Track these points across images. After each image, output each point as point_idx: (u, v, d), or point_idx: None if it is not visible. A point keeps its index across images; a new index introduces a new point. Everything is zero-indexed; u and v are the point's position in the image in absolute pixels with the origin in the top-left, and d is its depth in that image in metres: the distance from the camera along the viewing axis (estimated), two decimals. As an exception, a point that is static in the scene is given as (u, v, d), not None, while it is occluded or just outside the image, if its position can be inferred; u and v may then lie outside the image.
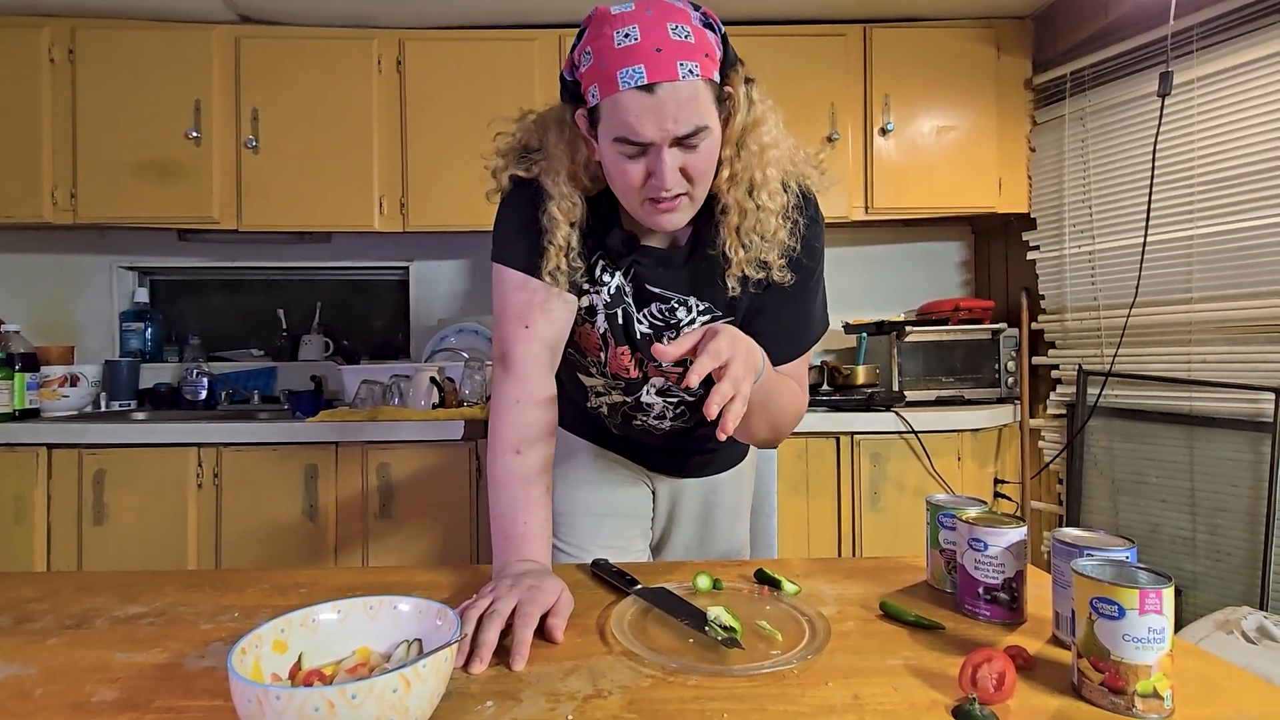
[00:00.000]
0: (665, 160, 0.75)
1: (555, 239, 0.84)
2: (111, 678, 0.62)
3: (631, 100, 0.72)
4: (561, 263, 0.85)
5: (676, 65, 0.72)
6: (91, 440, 1.87)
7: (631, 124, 0.73)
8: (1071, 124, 2.08)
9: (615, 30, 0.72)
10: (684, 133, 0.73)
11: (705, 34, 0.74)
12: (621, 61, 0.72)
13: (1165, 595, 0.55)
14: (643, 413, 1.00)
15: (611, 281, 0.91)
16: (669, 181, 0.76)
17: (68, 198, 2.09)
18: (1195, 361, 1.79)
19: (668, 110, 0.72)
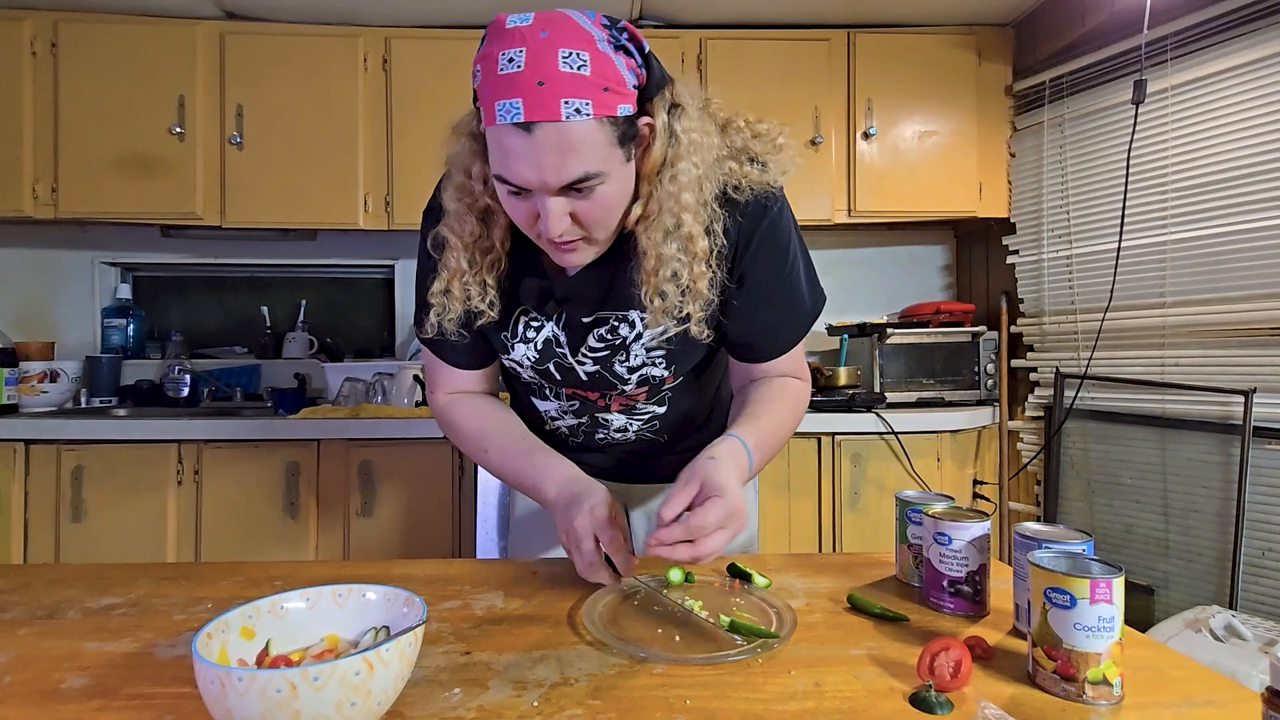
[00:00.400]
0: (549, 208, 0.67)
1: (446, 259, 0.78)
2: (81, 666, 0.62)
3: (507, 138, 0.64)
4: (453, 286, 0.78)
5: (560, 103, 0.62)
6: (70, 436, 1.85)
7: (508, 165, 0.65)
8: (1050, 130, 2.11)
9: (501, 53, 0.63)
10: (566, 181, 0.65)
11: (611, 61, 0.64)
12: (500, 92, 0.63)
13: (1115, 585, 0.56)
14: (603, 427, 0.95)
15: (538, 336, 0.84)
16: (553, 230, 0.68)
17: (49, 192, 2.07)
18: (1169, 365, 1.83)
19: (547, 156, 0.63)
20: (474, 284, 0.78)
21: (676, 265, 0.74)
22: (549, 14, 0.64)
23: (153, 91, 2.08)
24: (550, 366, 0.86)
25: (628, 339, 0.83)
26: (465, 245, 0.77)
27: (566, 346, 0.85)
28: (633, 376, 0.86)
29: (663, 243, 0.73)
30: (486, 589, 0.81)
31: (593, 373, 0.86)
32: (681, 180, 0.71)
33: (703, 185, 0.73)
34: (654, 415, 0.94)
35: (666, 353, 0.84)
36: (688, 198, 0.72)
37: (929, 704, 0.55)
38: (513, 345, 0.86)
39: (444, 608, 0.75)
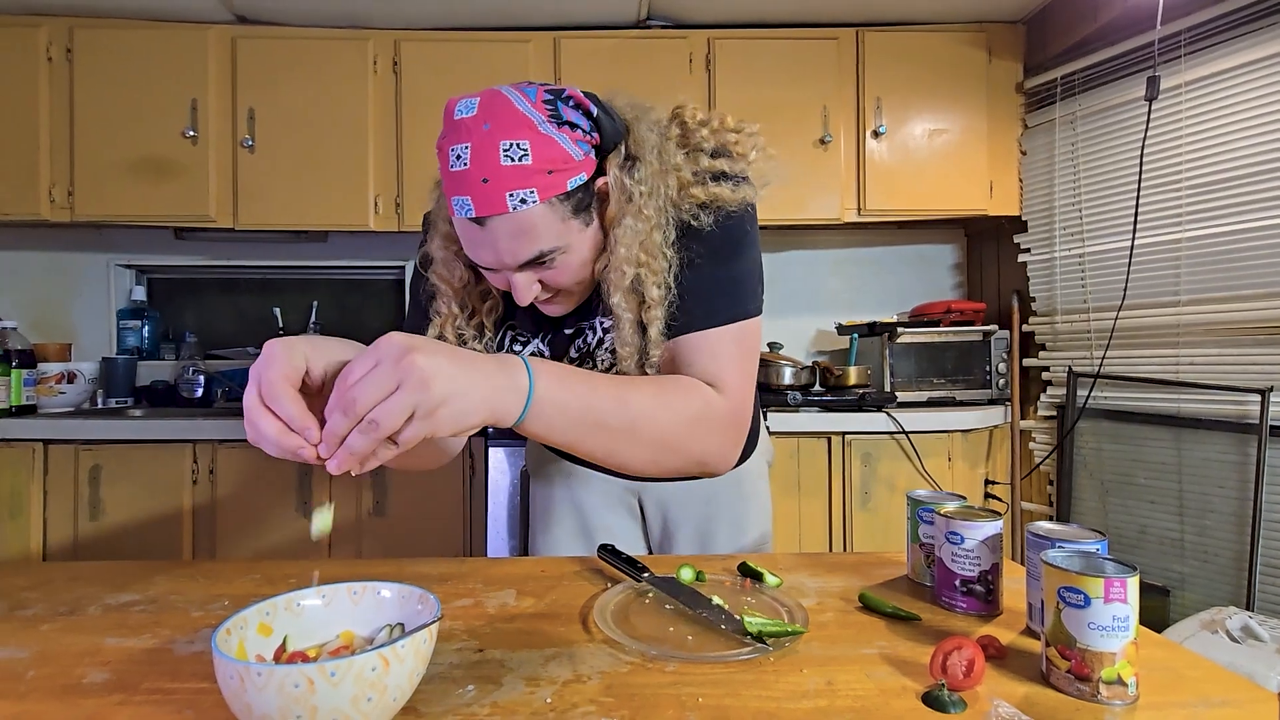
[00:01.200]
0: (516, 282, 0.72)
1: (438, 306, 0.82)
2: (102, 661, 0.63)
3: (465, 229, 0.70)
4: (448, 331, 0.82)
5: (505, 197, 0.66)
6: (88, 436, 1.88)
7: (472, 251, 0.71)
8: (1062, 128, 2.10)
9: (450, 148, 0.67)
10: (523, 261, 0.70)
11: (554, 142, 0.66)
12: (454, 188, 0.67)
13: (1130, 584, 0.56)
14: None
15: (524, 351, 0.87)
16: (523, 300, 0.73)
17: (65, 195, 2.10)
18: (1183, 363, 1.81)
19: (502, 242, 0.68)
20: (469, 327, 0.82)
21: (629, 319, 0.77)
22: (493, 100, 0.67)
23: (166, 95, 2.11)
24: None
25: (592, 345, 0.86)
26: (455, 291, 0.81)
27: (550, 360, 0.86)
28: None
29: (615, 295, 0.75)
30: (499, 587, 0.81)
31: None
32: (627, 237, 0.73)
33: (657, 234, 0.74)
34: None
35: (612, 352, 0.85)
36: (632, 253, 0.74)
37: (942, 703, 0.55)
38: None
39: (457, 605, 0.76)
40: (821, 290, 2.54)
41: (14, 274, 2.43)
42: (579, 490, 1.05)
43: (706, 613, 0.71)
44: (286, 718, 0.44)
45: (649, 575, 0.79)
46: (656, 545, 1.06)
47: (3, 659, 0.64)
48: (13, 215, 2.10)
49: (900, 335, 2.13)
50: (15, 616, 0.73)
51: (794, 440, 1.96)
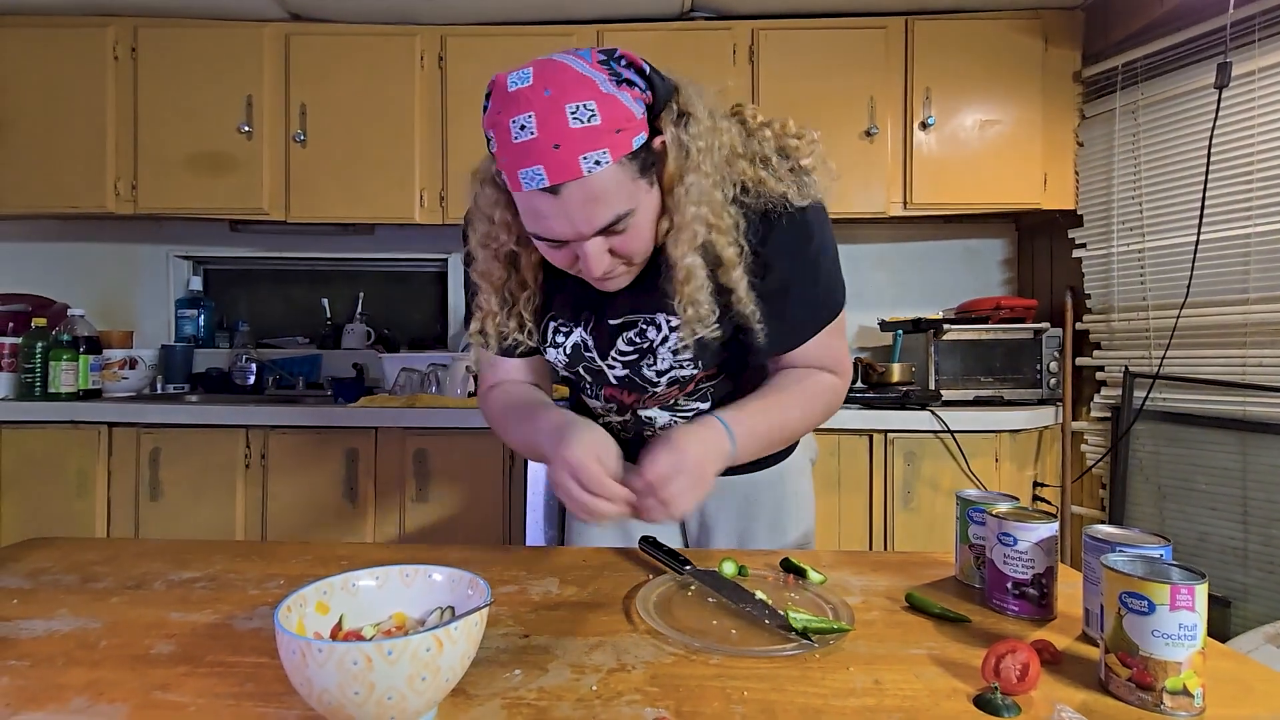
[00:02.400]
0: (589, 252, 0.69)
1: (479, 302, 0.82)
2: (168, 634, 0.66)
3: (535, 201, 0.66)
4: (489, 326, 0.82)
5: (579, 161, 0.63)
6: (149, 420, 1.96)
7: (544, 225, 0.68)
8: (1123, 118, 2.01)
9: (511, 120, 0.64)
10: (599, 228, 0.67)
11: (617, 101, 0.65)
12: (520, 160, 0.64)
13: (1198, 592, 0.54)
14: (648, 425, 0.95)
15: (567, 341, 0.86)
16: (596, 271, 0.71)
17: (129, 189, 2.19)
18: (1250, 365, 1.72)
19: (576, 210, 0.66)
20: (509, 320, 0.82)
21: (705, 275, 0.74)
22: (547, 67, 0.65)
23: (223, 92, 2.18)
24: (580, 369, 0.88)
25: (654, 342, 0.83)
26: (494, 287, 0.81)
27: (595, 350, 0.86)
28: (661, 380, 0.86)
29: (687, 255, 0.73)
30: (542, 575, 0.82)
31: (621, 376, 0.87)
32: (693, 193, 0.71)
33: (713, 194, 0.73)
34: (699, 412, 0.93)
35: (692, 356, 0.84)
36: (701, 210, 0.72)
37: (995, 706, 0.53)
38: (544, 350, 0.88)
39: (502, 592, 0.77)
40: (865, 285, 2.49)
41: (82, 265, 2.55)
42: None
43: (750, 607, 0.71)
44: (345, 693, 0.45)
45: (691, 568, 0.79)
46: (694, 541, 1.06)
47: (78, 628, 0.67)
48: (81, 207, 2.20)
49: (946, 332, 2.08)
50: (87, 589, 0.77)
51: (835, 437, 1.93)
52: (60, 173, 2.18)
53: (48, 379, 2.03)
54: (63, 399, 2.02)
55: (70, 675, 0.58)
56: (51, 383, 2.03)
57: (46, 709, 0.53)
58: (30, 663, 0.60)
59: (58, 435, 1.96)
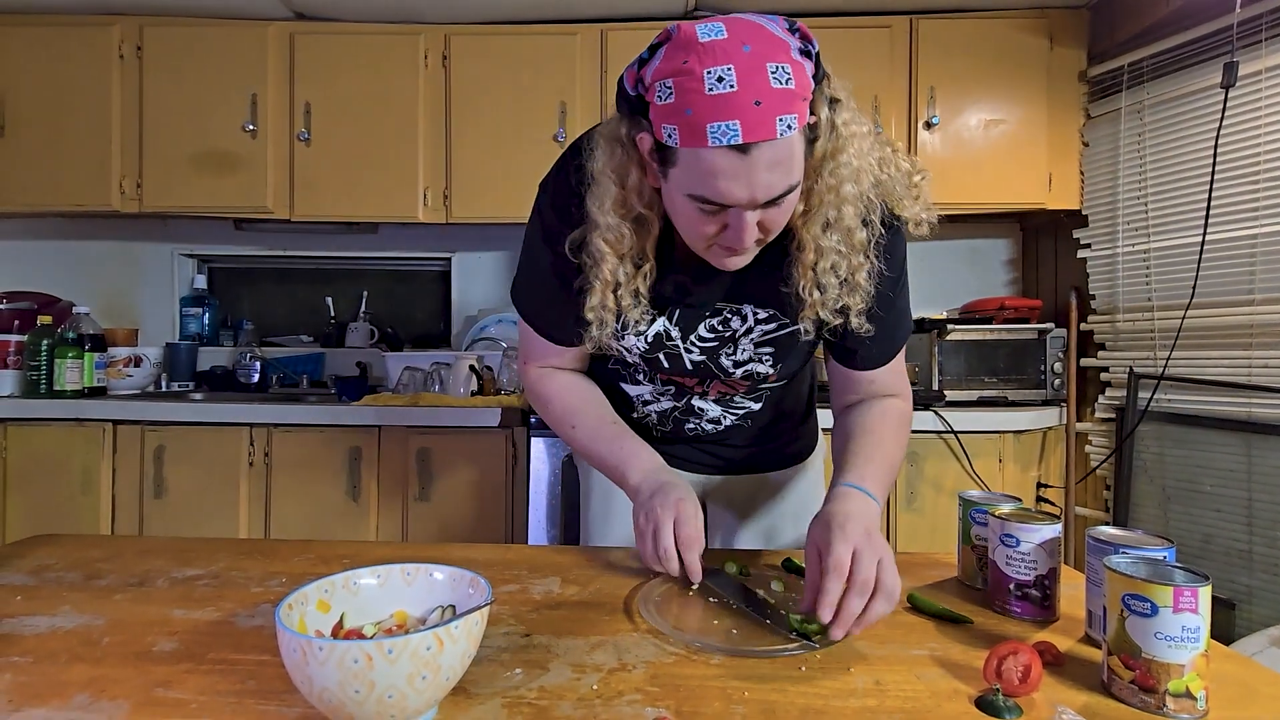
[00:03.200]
0: (747, 223, 0.66)
1: (602, 273, 0.75)
2: (171, 631, 0.66)
3: (721, 160, 0.62)
4: (609, 299, 0.77)
5: (776, 122, 0.61)
6: (153, 418, 1.97)
7: (717, 187, 0.64)
8: (1128, 117, 2.00)
9: (706, 70, 0.60)
10: (775, 195, 0.65)
11: (805, 70, 0.64)
12: (714, 114, 0.60)
13: (1201, 594, 0.54)
14: (696, 416, 0.95)
15: (649, 329, 0.83)
16: (748, 244, 0.68)
17: (134, 187, 2.20)
18: (1256, 366, 1.71)
19: (759, 175, 0.63)
20: (627, 294, 0.77)
21: (836, 257, 0.73)
22: (740, 23, 0.63)
23: (227, 90, 2.18)
24: (660, 355, 0.87)
25: (737, 332, 0.83)
26: (621, 256, 0.76)
27: (678, 338, 0.85)
28: (737, 371, 0.87)
29: (823, 235, 0.72)
30: (544, 574, 0.82)
31: (698, 362, 0.87)
32: (842, 173, 0.70)
33: (860, 176, 0.71)
34: (749, 411, 0.94)
35: (774, 350, 0.85)
36: (849, 189, 0.71)
37: (996, 708, 0.53)
38: (624, 336, 0.85)
39: (503, 591, 0.77)
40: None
41: (87, 263, 2.56)
42: None
43: (752, 608, 0.71)
44: (345, 691, 0.45)
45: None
46: (718, 542, 1.07)
47: (81, 625, 0.67)
48: (87, 206, 2.21)
49: (950, 332, 2.07)
50: (90, 586, 0.78)
51: (837, 437, 1.93)
52: (66, 171, 2.19)
53: (53, 376, 2.04)
54: (68, 396, 2.03)
55: (73, 672, 0.58)
56: (57, 380, 2.04)
57: (49, 705, 0.53)
58: (33, 659, 0.60)
59: (63, 433, 1.97)
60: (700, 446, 1.01)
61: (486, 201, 2.18)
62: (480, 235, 2.52)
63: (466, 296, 2.57)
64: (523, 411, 1.94)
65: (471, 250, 2.56)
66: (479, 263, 2.57)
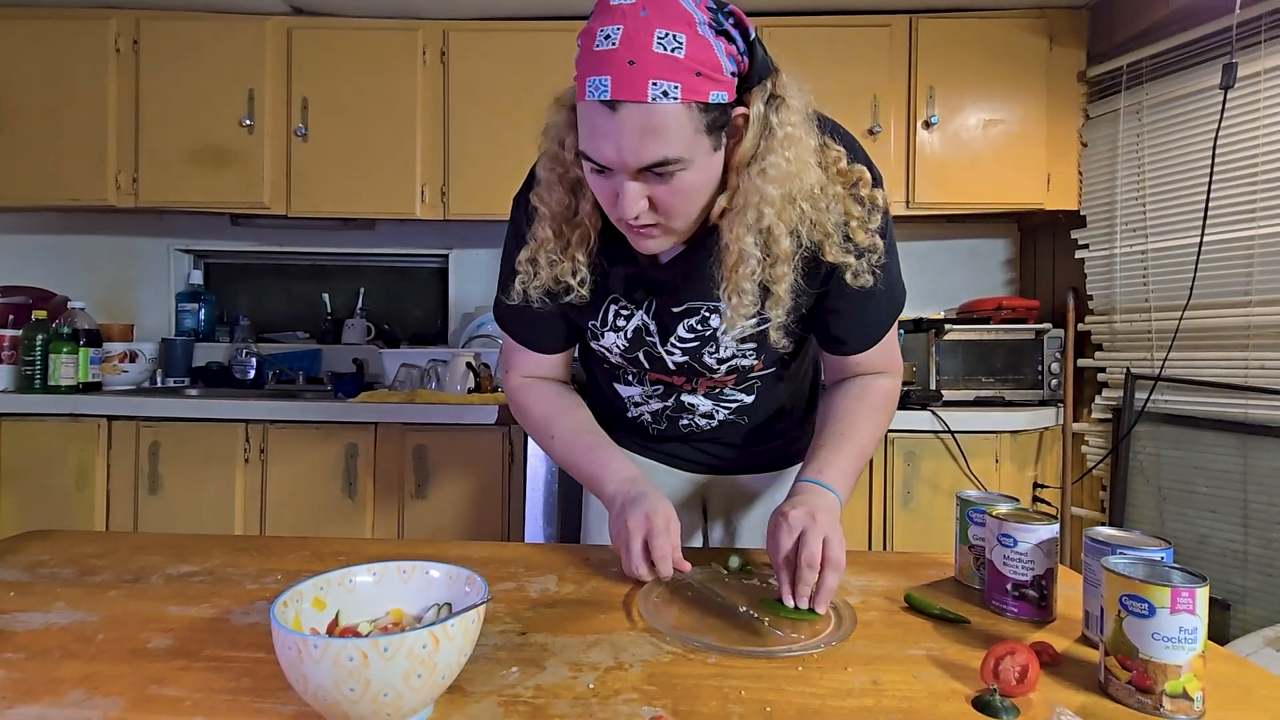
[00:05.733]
0: (625, 190, 0.66)
1: (535, 231, 0.77)
2: (165, 628, 0.66)
3: (593, 115, 0.64)
4: (541, 255, 0.77)
5: (648, 85, 0.61)
6: (148, 413, 1.96)
7: (591, 142, 0.65)
8: (1127, 118, 2.00)
9: (599, 29, 0.63)
10: (645, 164, 0.64)
11: (709, 45, 0.63)
12: (592, 68, 0.63)
13: (1199, 595, 0.54)
14: (688, 412, 0.95)
15: (628, 325, 0.84)
16: (628, 212, 0.67)
17: (130, 182, 2.19)
18: (1253, 367, 1.72)
19: (628, 136, 0.62)
20: (562, 258, 0.77)
21: (754, 264, 0.72)
22: None
23: (224, 85, 2.17)
24: (640, 355, 0.87)
25: (718, 330, 0.82)
26: (553, 214, 0.76)
27: (656, 335, 0.85)
28: (721, 366, 0.87)
29: (744, 237, 0.70)
30: (540, 572, 0.82)
31: (681, 363, 0.86)
32: (770, 174, 0.68)
33: (792, 181, 0.69)
34: (741, 405, 0.94)
35: (757, 345, 0.84)
36: (773, 191, 0.69)
37: (993, 708, 0.53)
38: (602, 333, 0.86)
39: (500, 589, 0.77)
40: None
41: (83, 258, 2.54)
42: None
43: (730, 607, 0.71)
44: (340, 689, 0.45)
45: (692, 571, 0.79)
46: (718, 541, 1.07)
47: (75, 622, 0.67)
48: (83, 200, 2.20)
49: (948, 332, 2.07)
50: (85, 582, 0.77)
51: (834, 436, 1.93)
52: (61, 165, 2.17)
53: (48, 372, 2.03)
54: (63, 392, 2.02)
55: (66, 669, 0.58)
56: (51, 375, 2.03)
57: (42, 702, 0.53)
58: (26, 655, 0.60)
59: (57, 428, 1.96)
60: (697, 445, 1.01)
61: (484, 198, 2.18)
62: (478, 232, 2.51)
63: (464, 293, 2.57)
64: (520, 409, 1.93)
65: (469, 247, 2.56)
66: (476, 259, 2.56)
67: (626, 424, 1.00)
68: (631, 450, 1.02)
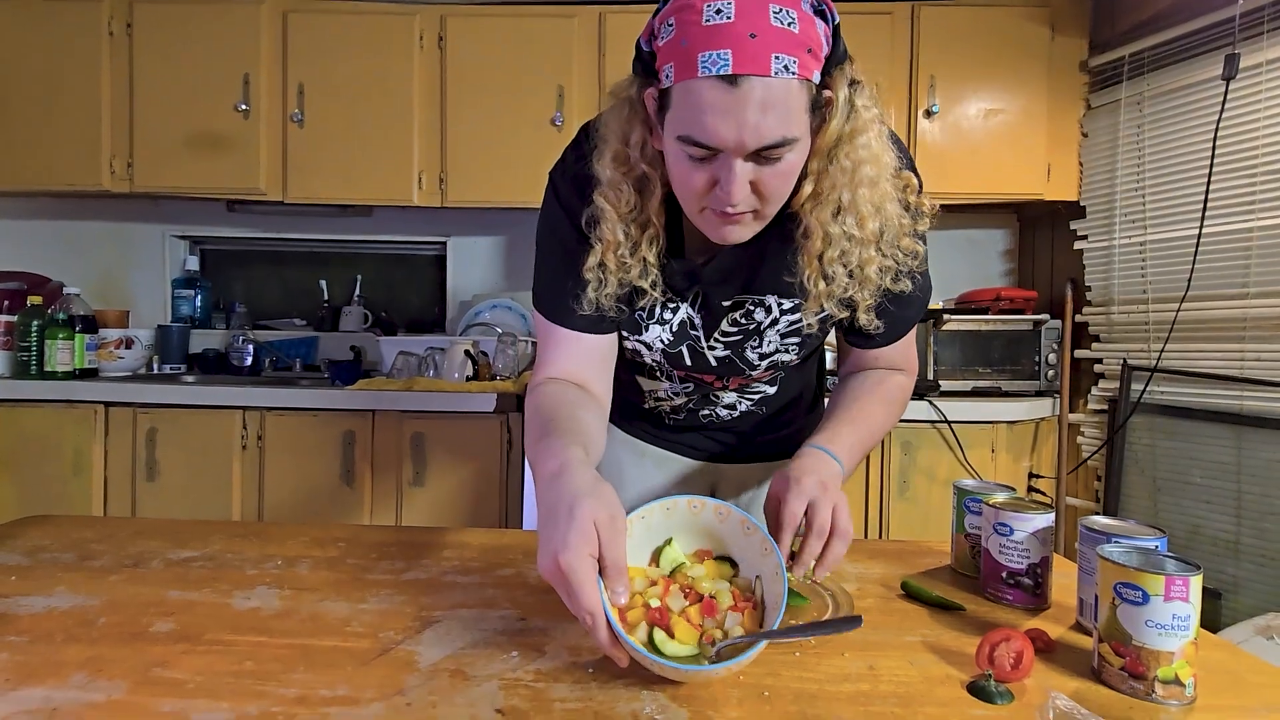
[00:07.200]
0: (735, 173, 0.62)
1: (603, 232, 0.72)
2: (166, 612, 0.66)
3: (708, 92, 0.59)
4: (609, 259, 0.73)
5: (771, 58, 0.58)
6: (145, 400, 1.96)
7: (704, 122, 0.60)
8: (1128, 108, 2.00)
9: (706, 4, 0.59)
10: (764, 143, 0.61)
11: (814, 23, 0.61)
12: (705, 43, 0.59)
13: (1193, 583, 0.54)
14: (712, 405, 0.94)
15: (674, 318, 0.81)
16: (736, 197, 0.64)
17: (125, 167, 2.17)
18: (1249, 359, 1.72)
19: (749, 113, 0.59)
20: (632, 261, 0.74)
21: (846, 245, 0.70)
22: None
23: (220, 70, 2.15)
24: (683, 349, 0.83)
25: (762, 324, 0.81)
26: (621, 216, 0.72)
27: (701, 330, 0.82)
28: (763, 362, 0.85)
29: (832, 221, 0.69)
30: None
31: (722, 358, 0.84)
32: (860, 154, 0.67)
33: (878, 162, 0.69)
34: (764, 395, 0.94)
35: (800, 340, 0.83)
36: (866, 172, 0.68)
37: (988, 693, 0.54)
38: (647, 325, 0.82)
39: (499, 574, 0.77)
40: (864, 275, 2.48)
41: (78, 244, 2.53)
42: (651, 472, 1.02)
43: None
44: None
45: None
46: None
47: (76, 606, 0.67)
48: (77, 186, 2.18)
49: (946, 322, 2.08)
50: (85, 567, 0.78)
51: (832, 426, 1.93)
52: (55, 150, 2.15)
53: (44, 358, 2.03)
54: (58, 378, 2.01)
55: (69, 652, 0.58)
56: (48, 361, 2.02)
57: (46, 684, 0.53)
58: (29, 639, 0.60)
59: (54, 414, 1.95)
60: (710, 434, 1.00)
61: (482, 185, 2.17)
62: (476, 219, 2.50)
63: (462, 281, 2.56)
64: (518, 397, 1.93)
65: (467, 234, 2.54)
66: (475, 247, 2.55)
67: (641, 414, 0.99)
68: (641, 439, 1.02)
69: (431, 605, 0.69)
